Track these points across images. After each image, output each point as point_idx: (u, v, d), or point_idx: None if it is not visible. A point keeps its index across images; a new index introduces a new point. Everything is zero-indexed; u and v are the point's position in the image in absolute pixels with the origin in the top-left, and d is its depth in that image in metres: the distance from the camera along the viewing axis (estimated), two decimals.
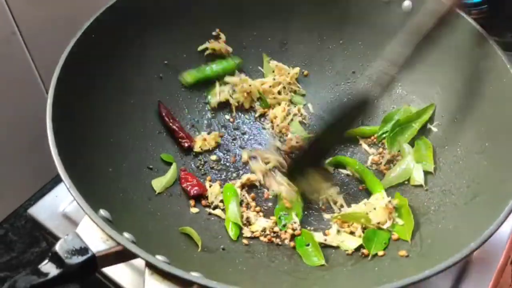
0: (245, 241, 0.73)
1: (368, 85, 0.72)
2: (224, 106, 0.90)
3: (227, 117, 0.90)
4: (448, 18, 0.70)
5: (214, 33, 0.90)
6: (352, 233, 0.73)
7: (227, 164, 0.84)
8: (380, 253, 0.69)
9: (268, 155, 0.81)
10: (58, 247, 0.54)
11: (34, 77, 0.90)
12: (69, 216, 0.80)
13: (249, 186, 0.81)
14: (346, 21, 0.89)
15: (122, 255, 0.55)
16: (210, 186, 0.79)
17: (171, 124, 0.83)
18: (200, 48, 0.89)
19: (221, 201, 0.78)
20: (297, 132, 0.87)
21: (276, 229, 0.75)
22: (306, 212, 0.77)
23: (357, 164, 0.81)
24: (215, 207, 0.77)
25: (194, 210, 0.76)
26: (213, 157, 0.84)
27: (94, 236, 0.56)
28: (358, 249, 0.71)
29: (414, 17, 0.71)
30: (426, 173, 0.78)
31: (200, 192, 0.77)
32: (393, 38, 0.71)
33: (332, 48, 0.92)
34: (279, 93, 0.91)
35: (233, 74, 0.90)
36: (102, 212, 0.57)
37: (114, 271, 0.72)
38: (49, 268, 0.53)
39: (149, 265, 0.53)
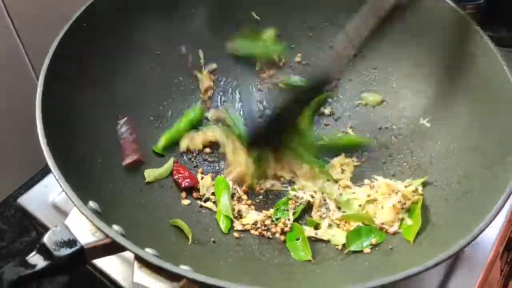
0: (236, 234, 0.73)
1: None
2: None
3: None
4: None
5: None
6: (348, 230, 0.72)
7: (219, 156, 0.83)
8: (367, 250, 0.69)
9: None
10: (46, 239, 0.54)
11: (26, 66, 0.88)
12: (59, 206, 0.80)
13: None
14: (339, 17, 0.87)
15: (110, 248, 0.55)
16: (201, 179, 0.79)
17: None
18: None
19: (213, 193, 0.77)
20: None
21: (267, 222, 0.74)
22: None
23: None
24: (207, 200, 0.77)
25: (185, 202, 0.76)
26: (206, 149, 0.83)
27: (83, 228, 0.56)
28: None
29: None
30: None
31: (192, 184, 0.77)
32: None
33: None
34: None
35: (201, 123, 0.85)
36: (91, 204, 0.57)
37: (104, 262, 0.72)
38: (36, 260, 0.53)
39: (138, 258, 0.53)
